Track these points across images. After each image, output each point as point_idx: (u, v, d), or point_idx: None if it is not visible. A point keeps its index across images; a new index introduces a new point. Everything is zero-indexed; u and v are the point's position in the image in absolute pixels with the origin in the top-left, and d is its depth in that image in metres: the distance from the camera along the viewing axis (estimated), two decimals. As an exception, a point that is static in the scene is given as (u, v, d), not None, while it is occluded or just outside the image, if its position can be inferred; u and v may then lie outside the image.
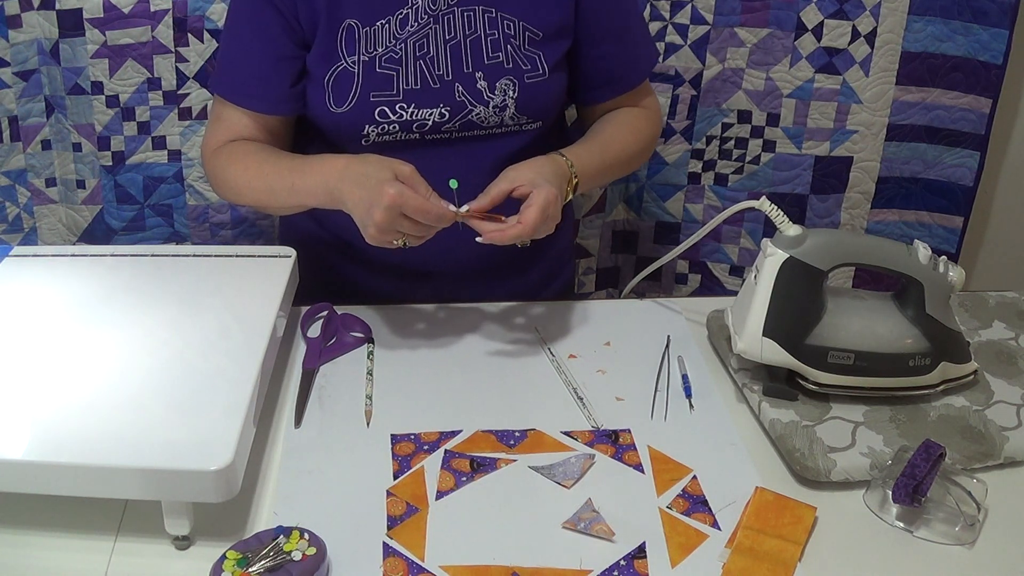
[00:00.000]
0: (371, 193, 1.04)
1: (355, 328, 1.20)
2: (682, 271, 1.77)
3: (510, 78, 1.22)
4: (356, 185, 1.07)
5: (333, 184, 1.11)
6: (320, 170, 1.14)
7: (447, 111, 1.21)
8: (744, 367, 1.12)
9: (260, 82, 1.23)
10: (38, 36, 1.46)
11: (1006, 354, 1.18)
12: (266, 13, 1.20)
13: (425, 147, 1.24)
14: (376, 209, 1.03)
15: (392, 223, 1.03)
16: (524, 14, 1.22)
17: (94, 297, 1.10)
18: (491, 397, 1.10)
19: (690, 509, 0.95)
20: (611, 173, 1.31)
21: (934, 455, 0.94)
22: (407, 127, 1.22)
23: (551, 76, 1.24)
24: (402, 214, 1.03)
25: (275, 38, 1.21)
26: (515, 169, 1.13)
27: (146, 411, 0.91)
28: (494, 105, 1.22)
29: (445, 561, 0.88)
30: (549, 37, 1.23)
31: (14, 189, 1.56)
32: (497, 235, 1.07)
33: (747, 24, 1.56)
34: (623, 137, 1.29)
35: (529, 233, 1.07)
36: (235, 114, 1.25)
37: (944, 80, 1.59)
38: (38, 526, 0.89)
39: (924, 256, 1.06)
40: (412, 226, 1.05)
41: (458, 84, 1.21)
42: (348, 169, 1.10)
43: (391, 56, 1.20)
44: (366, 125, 1.21)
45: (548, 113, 1.27)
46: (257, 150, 1.23)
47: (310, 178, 1.14)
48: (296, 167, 1.17)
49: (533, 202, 1.07)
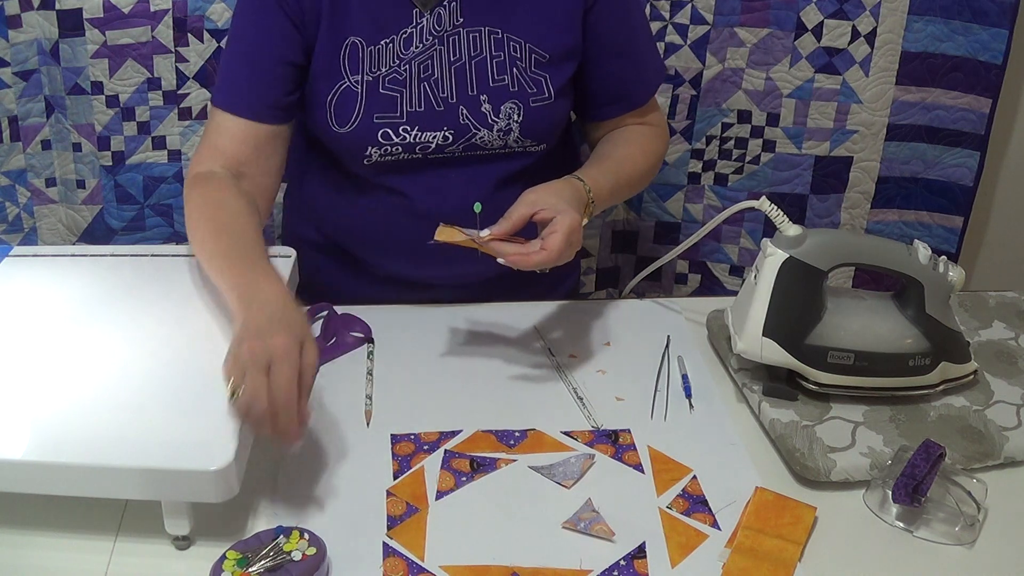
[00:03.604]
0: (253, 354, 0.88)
1: (355, 328, 1.20)
2: (682, 271, 1.77)
3: (515, 101, 1.20)
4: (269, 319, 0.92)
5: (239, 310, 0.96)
6: (233, 295, 0.99)
7: (451, 134, 1.20)
8: (744, 367, 1.12)
9: (253, 87, 1.19)
10: (38, 36, 1.46)
11: (1006, 354, 1.18)
12: (271, 16, 1.16)
13: (427, 166, 1.23)
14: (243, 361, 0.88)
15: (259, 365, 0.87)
16: (531, 36, 1.20)
17: (94, 297, 1.09)
18: (491, 397, 1.10)
19: (690, 509, 0.95)
20: (623, 194, 1.29)
21: (934, 455, 0.94)
22: (410, 149, 1.20)
23: (556, 100, 1.22)
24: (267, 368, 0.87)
25: (279, 42, 1.17)
26: (535, 192, 1.10)
27: (146, 411, 0.91)
28: (498, 129, 1.20)
29: (445, 561, 0.88)
30: (556, 60, 1.21)
31: (14, 189, 1.56)
32: (519, 259, 1.04)
33: (747, 24, 1.56)
34: (635, 158, 1.27)
35: (553, 260, 1.04)
36: (224, 130, 1.19)
37: (944, 80, 1.59)
38: (38, 526, 0.89)
39: (924, 256, 1.06)
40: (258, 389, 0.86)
41: (462, 107, 1.19)
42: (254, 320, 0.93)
43: (395, 77, 1.18)
44: (368, 146, 1.19)
45: (551, 136, 1.26)
46: (225, 214, 1.11)
47: (227, 290, 1.01)
48: (225, 268, 1.03)
49: (557, 228, 1.04)
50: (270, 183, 1.23)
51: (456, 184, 1.23)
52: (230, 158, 1.18)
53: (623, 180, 1.24)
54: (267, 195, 1.23)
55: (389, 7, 1.17)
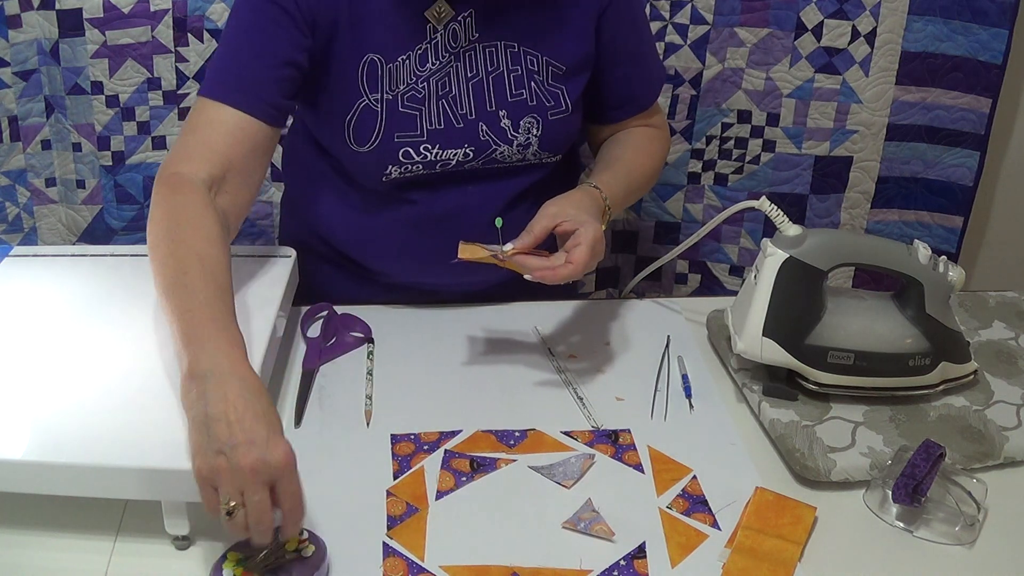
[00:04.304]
0: (256, 473, 0.79)
1: (355, 328, 1.20)
2: (682, 271, 1.77)
3: (534, 116, 1.19)
4: (241, 437, 0.80)
5: (188, 387, 0.85)
6: (188, 355, 0.87)
7: (471, 151, 1.19)
8: (744, 367, 1.12)
9: (253, 82, 1.11)
10: (38, 36, 1.46)
11: (1006, 354, 1.18)
12: (278, 17, 1.10)
13: (443, 181, 1.22)
14: (241, 477, 0.79)
15: (229, 482, 0.79)
16: (547, 49, 1.19)
17: (94, 297, 1.09)
18: (491, 397, 1.10)
19: (690, 509, 0.95)
20: (633, 198, 1.29)
21: (934, 455, 0.94)
22: (430, 166, 1.19)
23: (573, 112, 1.22)
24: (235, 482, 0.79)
25: (283, 42, 1.11)
26: (555, 204, 1.09)
27: (146, 411, 0.90)
28: (518, 144, 1.20)
29: (445, 561, 0.87)
30: (572, 71, 1.21)
31: (14, 189, 1.56)
32: (548, 274, 1.03)
33: (747, 24, 1.56)
34: (642, 161, 1.28)
35: (579, 273, 1.03)
36: (219, 119, 1.09)
37: (944, 80, 1.59)
38: (38, 526, 0.89)
39: (924, 256, 1.06)
40: (231, 495, 0.79)
41: (482, 123, 1.18)
42: (234, 411, 0.81)
43: (413, 95, 1.16)
44: (389, 165, 1.18)
45: (567, 147, 1.26)
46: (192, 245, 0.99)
47: (181, 347, 0.89)
48: (185, 317, 0.91)
49: (581, 240, 1.03)
50: (247, 199, 1.13)
51: (471, 199, 1.22)
52: (220, 158, 1.07)
53: (634, 184, 1.24)
54: (241, 213, 1.12)
55: (404, 23, 1.15)
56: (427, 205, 1.23)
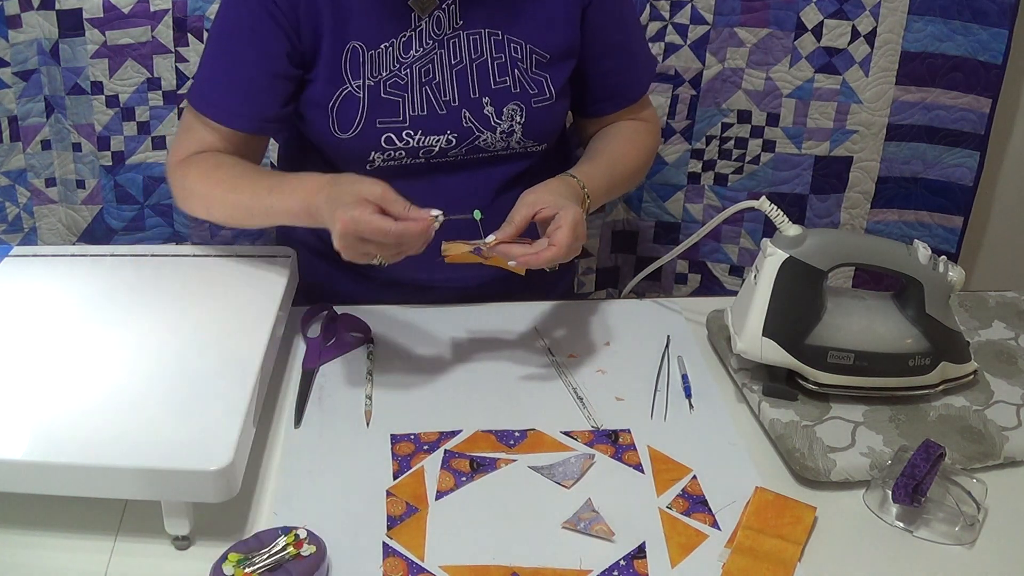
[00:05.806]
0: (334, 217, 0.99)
1: (355, 328, 1.20)
2: (682, 271, 1.77)
3: (517, 103, 1.20)
4: (329, 205, 1.02)
5: (312, 204, 1.06)
6: (298, 190, 1.10)
7: (454, 137, 1.20)
8: (744, 367, 1.12)
9: (247, 99, 1.17)
10: (38, 36, 1.46)
11: (1006, 354, 1.18)
12: (264, 27, 1.13)
13: (429, 171, 1.22)
14: (335, 235, 0.99)
15: (353, 247, 0.99)
16: (531, 36, 1.20)
17: (94, 297, 1.10)
18: (491, 397, 1.10)
19: (690, 509, 0.95)
20: (617, 190, 1.30)
21: (934, 455, 0.94)
22: (413, 153, 1.20)
23: (557, 100, 1.22)
24: (361, 238, 0.98)
25: (272, 55, 1.14)
26: (533, 192, 1.09)
27: (146, 411, 0.91)
28: (501, 131, 1.20)
29: (445, 561, 0.88)
30: (556, 59, 1.21)
31: (14, 189, 1.56)
32: (532, 259, 1.03)
33: (747, 24, 1.56)
34: (628, 153, 1.28)
35: (563, 255, 1.03)
36: (209, 128, 1.19)
37: (944, 80, 1.59)
38: (38, 526, 0.89)
39: (924, 256, 1.06)
40: (378, 248, 0.99)
41: (465, 110, 1.19)
42: (322, 191, 1.05)
43: (396, 81, 1.17)
44: (372, 151, 1.19)
45: (552, 136, 1.26)
46: (231, 164, 1.17)
47: (289, 198, 1.10)
48: (274, 186, 1.12)
49: (562, 223, 1.04)
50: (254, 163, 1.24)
51: (457, 188, 1.23)
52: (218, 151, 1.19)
53: (617, 176, 1.25)
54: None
55: (388, 11, 1.16)
56: (414, 196, 1.23)
